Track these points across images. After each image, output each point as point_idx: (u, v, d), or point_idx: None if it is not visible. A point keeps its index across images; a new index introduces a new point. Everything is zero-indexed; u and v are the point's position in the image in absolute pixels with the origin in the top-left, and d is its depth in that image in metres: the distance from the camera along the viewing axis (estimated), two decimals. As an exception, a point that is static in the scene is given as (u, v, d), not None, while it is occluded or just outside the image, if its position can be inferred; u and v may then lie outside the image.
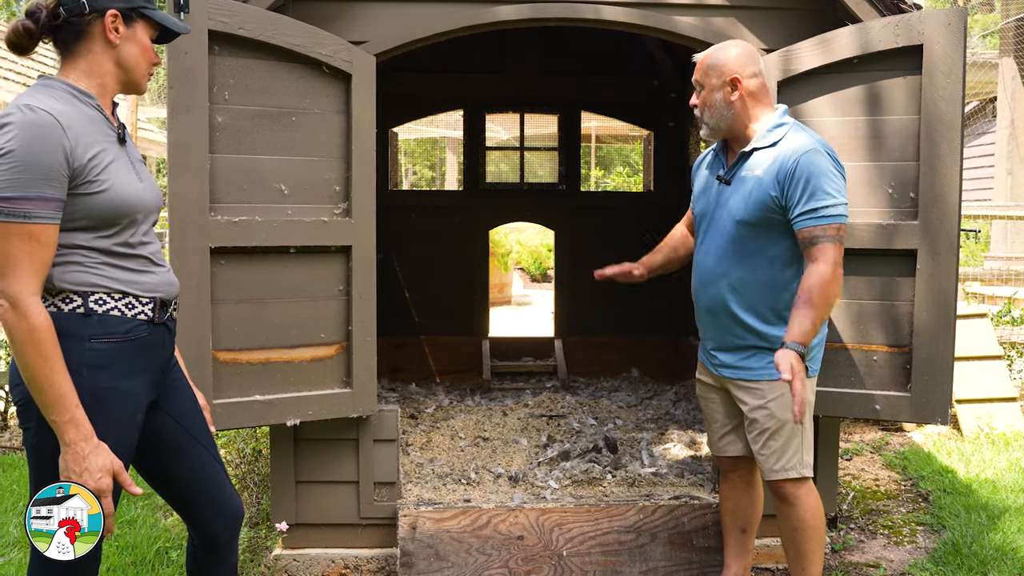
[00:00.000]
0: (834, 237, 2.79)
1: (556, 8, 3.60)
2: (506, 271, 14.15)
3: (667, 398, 5.59)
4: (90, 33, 2.10)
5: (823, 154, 2.83)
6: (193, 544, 2.49)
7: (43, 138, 1.94)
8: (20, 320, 1.92)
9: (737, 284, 2.95)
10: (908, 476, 4.95)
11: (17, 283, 1.92)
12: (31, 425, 2.07)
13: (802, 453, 2.97)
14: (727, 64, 2.90)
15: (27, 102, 1.98)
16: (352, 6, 3.55)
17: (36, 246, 1.94)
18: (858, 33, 3.41)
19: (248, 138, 3.28)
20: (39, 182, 1.93)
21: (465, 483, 3.90)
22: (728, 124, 2.94)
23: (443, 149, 27.38)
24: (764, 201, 2.85)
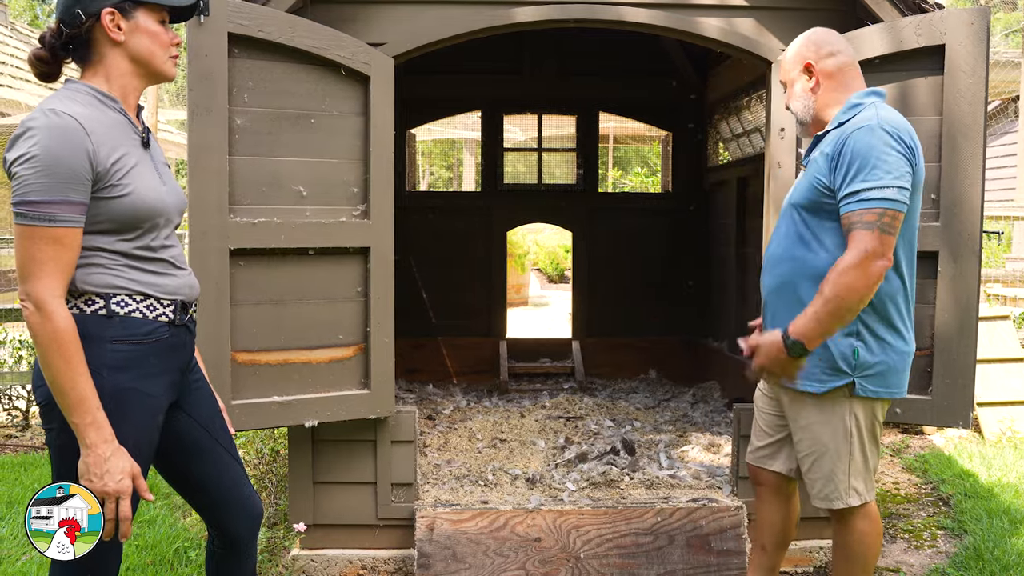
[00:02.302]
0: (872, 223, 2.48)
1: (577, 9, 3.58)
2: (523, 272, 14.15)
3: (685, 400, 5.57)
4: (96, 39, 2.10)
5: (878, 131, 2.54)
6: (213, 544, 2.50)
7: (67, 142, 1.95)
8: (44, 322, 1.93)
9: (792, 274, 2.72)
10: (929, 480, 4.91)
11: (42, 286, 1.93)
12: (54, 426, 2.08)
13: (850, 479, 2.73)
14: (797, 52, 2.79)
15: (52, 107, 1.99)
16: (370, 8, 3.56)
17: (61, 249, 1.95)
18: (879, 33, 3.38)
19: (267, 140, 3.29)
20: (64, 186, 1.94)
21: (482, 484, 3.89)
22: (814, 113, 2.77)
23: (460, 150, 27.39)
24: (814, 184, 2.65)
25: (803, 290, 2.68)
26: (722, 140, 6.23)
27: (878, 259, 2.48)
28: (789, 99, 2.85)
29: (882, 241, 2.48)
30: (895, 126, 2.57)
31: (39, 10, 37.95)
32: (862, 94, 2.72)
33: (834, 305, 2.50)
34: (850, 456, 2.72)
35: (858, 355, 2.64)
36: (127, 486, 2.00)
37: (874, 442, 2.76)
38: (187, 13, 2.25)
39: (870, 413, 2.73)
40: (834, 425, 2.70)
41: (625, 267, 6.44)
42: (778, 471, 2.98)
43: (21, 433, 6.05)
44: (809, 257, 2.68)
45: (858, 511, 2.77)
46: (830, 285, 2.50)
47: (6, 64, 13.23)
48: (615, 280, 6.45)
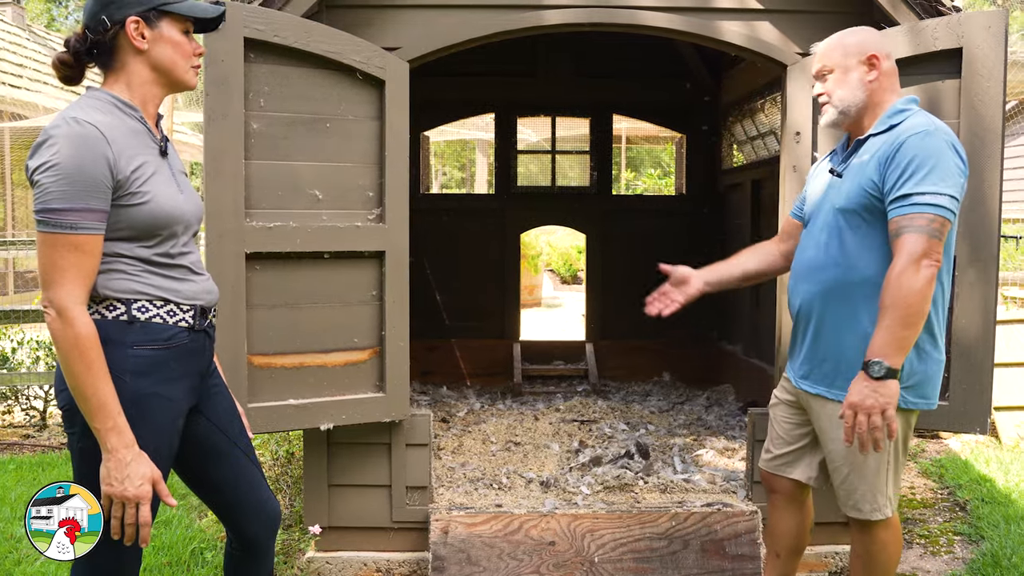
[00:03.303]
0: (922, 228, 2.43)
1: (595, 13, 3.58)
2: (536, 273, 14.15)
3: (699, 403, 5.56)
4: (119, 46, 2.12)
5: (937, 136, 2.51)
6: (231, 546, 2.51)
7: (88, 150, 1.97)
8: (66, 328, 1.95)
9: (834, 283, 2.66)
10: (945, 484, 4.88)
11: (64, 292, 1.95)
12: (76, 430, 2.09)
13: (887, 490, 2.70)
14: (865, 42, 2.70)
15: (73, 115, 2.01)
16: (385, 12, 3.57)
17: (82, 256, 1.97)
18: (896, 36, 3.36)
19: (283, 144, 3.30)
20: (85, 194, 1.96)
21: (497, 488, 3.90)
22: (858, 108, 2.68)
23: (473, 150, 27.42)
24: (864, 186, 2.58)
25: (837, 301, 2.65)
26: (736, 142, 6.21)
27: (925, 259, 2.43)
28: (837, 85, 2.70)
29: (930, 245, 2.44)
30: (950, 135, 2.55)
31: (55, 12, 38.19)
32: (906, 100, 2.70)
33: (900, 312, 2.44)
34: (888, 468, 2.69)
35: (904, 367, 2.58)
36: (147, 491, 2.02)
37: (906, 452, 2.74)
38: (212, 24, 2.26)
39: (906, 424, 2.70)
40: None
41: (639, 269, 6.38)
42: (797, 479, 2.95)
43: (38, 433, 6.10)
44: (849, 267, 2.64)
45: (882, 521, 2.74)
46: (889, 294, 2.45)
47: (24, 67, 13.33)
48: (629, 282, 6.39)
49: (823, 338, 2.72)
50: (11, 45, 13.78)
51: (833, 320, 2.67)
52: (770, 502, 3.08)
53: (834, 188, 2.73)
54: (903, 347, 2.46)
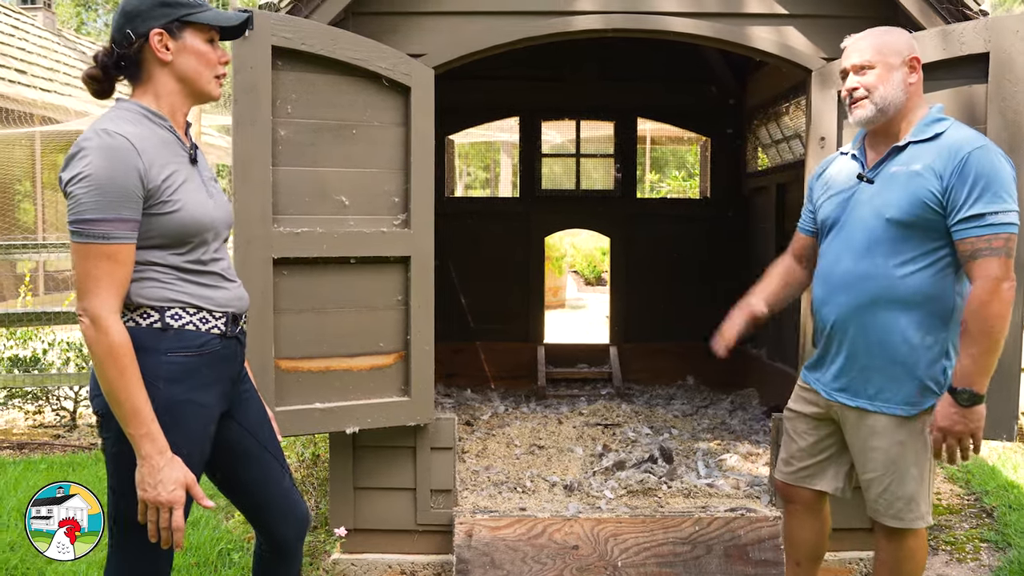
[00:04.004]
0: (1000, 250, 2.42)
1: (623, 19, 3.60)
2: (560, 274, 14.18)
3: (723, 407, 5.55)
4: (145, 58, 2.16)
5: (992, 151, 2.49)
6: (260, 548, 2.55)
7: (120, 161, 2.01)
8: (101, 336, 1.99)
9: (879, 295, 2.60)
10: (971, 490, 4.85)
11: (98, 301, 1.99)
12: (110, 435, 2.13)
13: (929, 499, 2.69)
14: (909, 43, 2.66)
15: (104, 127, 2.05)
16: (410, 19, 3.60)
17: (115, 265, 2.01)
18: (924, 40, 3.35)
19: (310, 151, 3.34)
20: (117, 204, 2.00)
21: (520, 491, 3.92)
22: (895, 109, 2.62)
23: (497, 151, 27.48)
24: (923, 197, 2.51)
25: (883, 314, 2.61)
26: (761, 145, 6.20)
27: (1006, 282, 2.43)
28: (877, 83, 2.62)
29: (1008, 265, 2.44)
30: (1000, 150, 2.55)
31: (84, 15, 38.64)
32: (940, 108, 2.68)
33: (987, 340, 2.45)
34: (929, 475, 2.68)
35: (947, 374, 2.58)
36: (180, 496, 2.05)
37: (937, 459, 2.72)
38: (237, 31, 2.29)
39: None
40: (916, 446, 2.63)
41: (663, 272, 6.43)
42: (823, 490, 2.91)
43: (68, 433, 6.18)
44: (896, 279, 2.59)
45: (913, 529, 2.72)
46: (975, 322, 2.45)
47: (55, 71, 13.52)
48: (653, 285, 6.44)
49: (866, 351, 2.67)
50: (42, 49, 13.98)
51: (878, 333, 2.63)
52: (788, 512, 3.05)
53: (867, 195, 2.66)
54: (989, 372, 2.48)
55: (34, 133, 11.80)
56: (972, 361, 2.46)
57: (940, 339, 2.59)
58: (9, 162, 11.71)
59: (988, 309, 2.43)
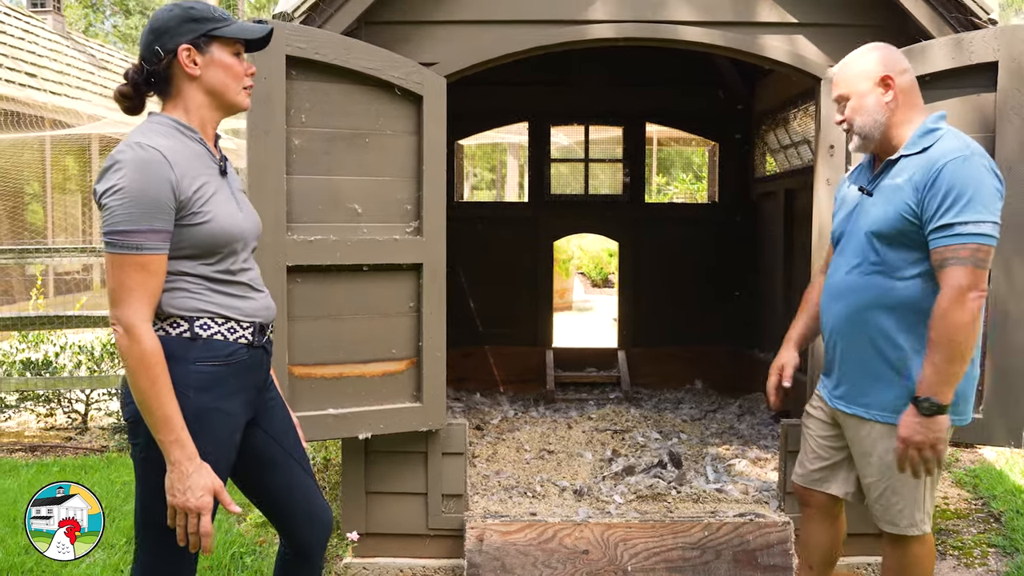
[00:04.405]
0: (967, 259, 2.43)
1: (636, 28, 3.62)
2: (567, 276, 14.20)
3: (731, 411, 5.57)
4: (174, 73, 2.21)
5: (975, 162, 2.50)
6: (284, 551, 2.59)
7: (153, 173, 2.05)
8: (133, 345, 2.03)
9: (867, 303, 2.66)
10: (979, 495, 4.86)
11: (131, 310, 2.04)
12: (140, 441, 2.18)
13: (924, 506, 2.72)
14: (875, 64, 2.67)
15: (137, 140, 2.10)
16: (423, 28, 3.63)
17: (148, 275, 2.06)
18: (933, 50, 3.38)
19: (323, 159, 3.38)
20: (149, 216, 2.04)
21: (531, 496, 3.95)
22: (882, 131, 2.67)
23: (504, 152, 27.51)
24: (900, 211, 2.56)
25: (876, 322, 2.65)
26: (769, 151, 6.22)
27: (971, 292, 2.45)
28: (855, 113, 2.69)
29: (976, 275, 2.45)
30: (987, 158, 2.54)
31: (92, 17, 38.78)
32: (935, 118, 2.67)
33: (949, 349, 2.46)
34: (925, 485, 2.70)
35: None
36: (207, 502, 2.08)
37: (941, 468, 2.72)
38: (261, 43, 2.33)
39: None
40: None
41: (671, 277, 6.45)
42: (833, 494, 2.95)
43: (80, 436, 6.23)
44: (885, 287, 2.63)
45: (918, 536, 2.75)
46: (937, 331, 2.47)
47: (66, 74, 13.58)
48: (661, 290, 6.46)
49: (856, 359, 2.72)
50: (52, 52, 14.04)
51: (866, 342, 2.68)
52: (803, 515, 3.10)
53: (865, 209, 2.72)
54: (952, 382, 2.49)
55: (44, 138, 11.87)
56: (934, 370, 2.48)
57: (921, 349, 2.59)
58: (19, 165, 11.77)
59: (949, 318, 2.45)
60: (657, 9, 3.62)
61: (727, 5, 3.63)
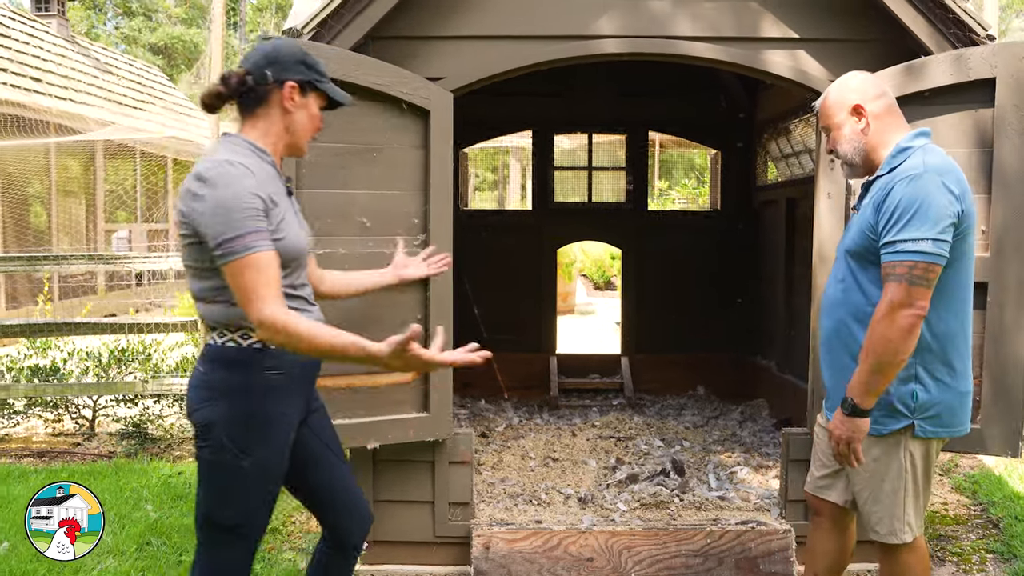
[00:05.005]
0: (902, 276, 2.53)
1: (643, 43, 3.69)
2: (570, 280, 14.25)
3: (733, 418, 5.63)
4: (270, 100, 2.39)
5: (924, 179, 2.56)
6: (322, 546, 2.73)
7: (242, 185, 2.22)
8: (285, 330, 2.19)
9: (846, 318, 2.76)
10: (978, 501, 4.91)
11: (262, 305, 2.19)
12: (210, 444, 2.31)
13: (904, 516, 2.79)
14: (846, 94, 2.79)
15: (224, 158, 2.26)
16: (430, 43, 3.69)
17: (262, 272, 2.20)
18: (932, 66, 3.43)
19: (332, 174, 3.43)
20: (248, 219, 2.20)
21: (536, 503, 4.00)
22: (863, 155, 2.78)
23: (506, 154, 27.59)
24: (864, 229, 2.68)
25: (853, 337, 2.74)
26: (771, 159, 6.27)
27: (903, 309, 2.53)
28: (835, 143, 2.82)
29: (910, 293, 2.53)
30: (941, 172, 2.59)
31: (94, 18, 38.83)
32: (910, 136, 2.74)
33: (872, 359, 2.58)
34: (905, 493, 2.77)
35: (917, 397, 2.68)
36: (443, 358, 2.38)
37: (927, 479, 2.81)
38: (335, 106, 2.56)
39: (925, 452, 2.77)
40: (892, 464, 2.75)
41: (674, 284, 6.51)
42: (835, 502, 3.02)
43: (87, 442, 6.28)
44: (859, 304, 2.73)
45: (907, 544, 2.82)
46: (867, 340, 2.60)
47: (70, 79, 13.63)
48: (664, 297, 6.52)
49: (840, 371, 2.80)
50: (57, 57, 14.09)
51: (847, 355, 2.77)
52: (813, 523, 3.16)
53: (848, 227, 2.86)
54: (872, 390, 2.62)
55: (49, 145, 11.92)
56: (859, 376, 2.62)
57: (908, 363, 2.65)
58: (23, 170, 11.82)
59: (877, 331, 2.56)
60: (663, 25, 3.68)
61: (731, 21, 3.69)
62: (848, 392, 2.66)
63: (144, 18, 38.58)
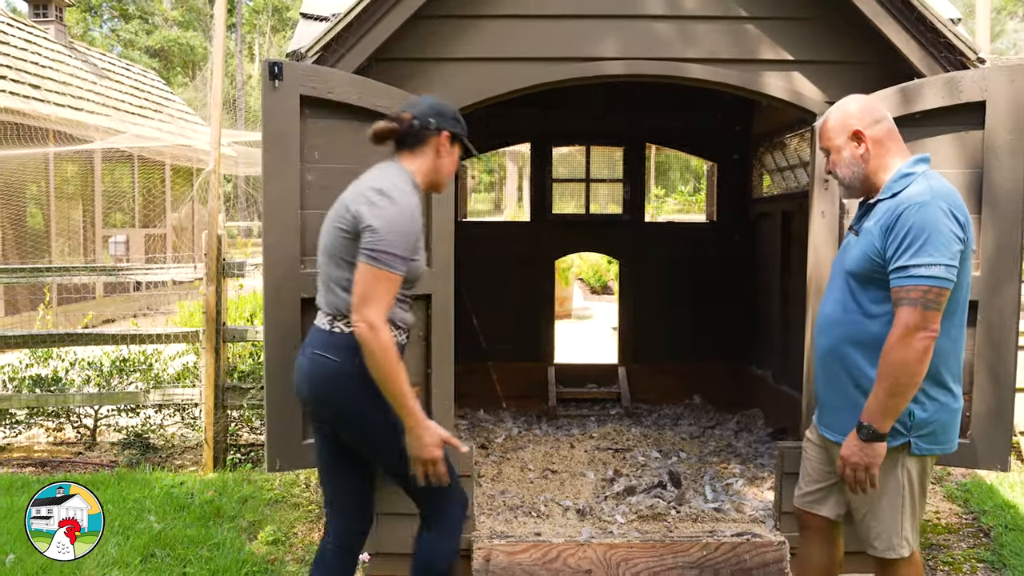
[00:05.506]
0: (917, 300, 2.59)
1: (643, 65, 3.77)
2: (567, 285, 14.31)
3: (729, 428, 5.70)
4: (428, 143, 2.91)
5: (933, 206, 2.63)
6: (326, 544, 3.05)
7: (414, 217, 2.75)
8: (376, 337, 2.64)
9: (845, 338, 2.82)
10: (970, 510, 4.97)
11: (375, 311, 2.66)
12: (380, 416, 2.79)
13: (902, 531, 2.85)
14: (846, 119, 2.85)
15: (402, 186, 2.77)
16: (432, 65, 3.75)
17: (391, 289, 2.70)
18: (923, 89, 3.50)
19: (336, 194, 3.45)
20: (406, 247, 2.71)
21: (535, 516, 4.07)
22: (862, 179, 2.84)
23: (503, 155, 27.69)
24: (869, 253, 2.73)
25: (851, 356, 2.80)
26: (767, 171, 6.34)
27: (919, 332, 2.59)
28: (835, 166, 2.89)
29: (924, 316, 2.59)
30: (948, 201, 2.67)
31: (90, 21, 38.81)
32: (912, 162, 2.81)
33: (888, 382, 2.63)
34: (903, 509, 2.84)
35: (914, 417, 2.74)
36: (439, 453, 2.76)
37: (923, 494, 2.88)
38: (469, 156, 3.10)
39: (921, 469, 2.84)
40: (890, 482, 2.81)
41: (671, 294, 6.58)
42: (826, 516, 3.08)
43: (88, 451, 6.32)
44: (859, 324, 2.78)
45: (904, 558, 2.89)
46: (881, 365, 2.64)
47: (68, 84, 13.65)
48: (661, 307, 6.58)
49: (837, 389, 2.87)
50: (55, 63, 14.12)
51: (845, 374, 2.83)
52: (802, 537, 3.22)
53: (849, 248, 2.89)
54: (891, 414, 2.67)
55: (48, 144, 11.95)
56: (876, 401, 2.66)
57: None
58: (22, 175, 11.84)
59: (893, 354, 2.61)
60: (663, 47, 3.75)
61: (729, 44, 3.76)
62: (865, 419, 2.68)
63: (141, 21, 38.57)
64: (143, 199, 15.13)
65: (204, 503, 4.91)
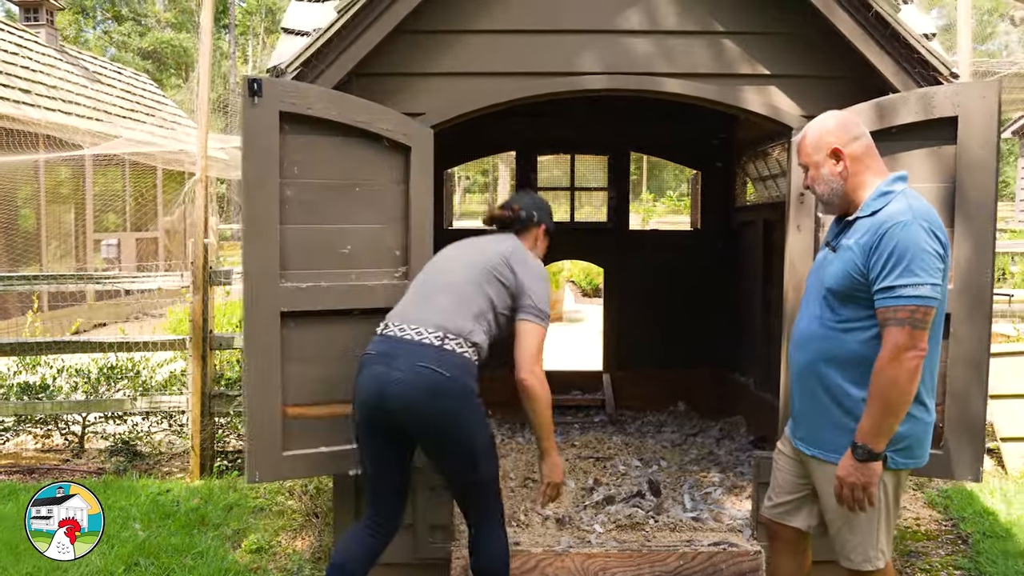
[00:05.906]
0: (905, 320, 2.62)
1: (621, 79, 3.82)
2: (557, 288, 14.35)
3: (711, 435, 5.74)
4: (529, 230, 3.55)
5: (915, 226, 2.66)
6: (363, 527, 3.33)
7: None
8: (542, 389, 3.19)
9: (823, 354, 2.84)
10: (949, 516, 5.02)
11: (540, 367, 3.21)
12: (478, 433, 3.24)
13: (879, 543, 2.90)
14: (824, 136, 2.87)
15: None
16: (412, 80, 3.78)
17: (544, 342, 3.27)
18: (897, 104, 3.54)
19: (315, 209, 3.53)
20: None
21: (515, 525, 4.10)
22: (841, 195, 2.87)
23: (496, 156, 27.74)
24: (850, 271, 2.75)
25: (828, 372, 2.84)
26: (750, 179, 6.38)
27: (909, 352, 2.62)
28: (813, 182, 2.91)
29: (913, 336, 2.62)
30: (928, 220, 2.69)
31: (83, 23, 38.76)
32: (890, 180, 2.83)
33: (881, 402, 2.65)
34: (879, 522, 2.88)
35: None
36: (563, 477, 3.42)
37: (897, 506, 2.93)
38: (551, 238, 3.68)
39: (897, 482, 2.89)
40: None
41: (656, 302, 6.62)
42: (797, 527, 3.13)
43: (76, 458, 6.34)
44: (837, 341, 2.81)
45: (879, 569, 2.93)
46: (873, 385, 2.66)
47: (57, 88, 13.65)
48: (645, 315, 6.62)
49: (814, 404, 2.91)
50: (45, 67, 14.12)
51: (823, 389, 2.86)
52: (772, 548, 3.27)
53: (826, 264, 2.91)
54: (886, 433, 2.69)
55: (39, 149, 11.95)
56: (870, 421, 2.69)
57: None
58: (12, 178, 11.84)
59: (884, 374, 2.64)
60: (642, 62, 3.79)
61: (707, 59, 3.80)
62: (859, 439, 2.71)
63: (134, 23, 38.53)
64: (135, 203, 15.13)
65: (189, 511, 4.95)
